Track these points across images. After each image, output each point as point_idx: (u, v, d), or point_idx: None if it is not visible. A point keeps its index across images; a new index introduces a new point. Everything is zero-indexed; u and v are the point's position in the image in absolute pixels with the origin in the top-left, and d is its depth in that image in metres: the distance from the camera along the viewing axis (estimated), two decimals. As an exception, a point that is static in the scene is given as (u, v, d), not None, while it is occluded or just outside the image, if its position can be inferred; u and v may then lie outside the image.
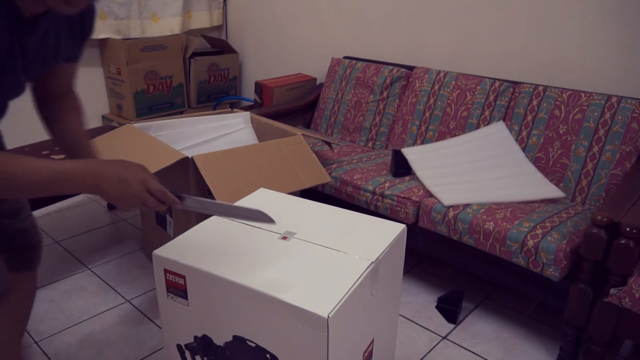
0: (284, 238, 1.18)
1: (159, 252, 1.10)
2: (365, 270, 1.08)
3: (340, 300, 0.98)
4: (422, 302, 2.09)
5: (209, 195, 1.75)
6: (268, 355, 1.05)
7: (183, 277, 1.08)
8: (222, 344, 1.10)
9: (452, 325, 1.96)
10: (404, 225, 1.29)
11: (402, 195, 2.00)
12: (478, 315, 2.02)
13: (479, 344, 1.87)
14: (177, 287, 1.10)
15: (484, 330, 1.94)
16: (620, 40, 2.09)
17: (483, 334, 1.92)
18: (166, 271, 1.10)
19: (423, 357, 1.80)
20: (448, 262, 2.01)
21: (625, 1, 2.05)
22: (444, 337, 1.90)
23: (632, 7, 2.03)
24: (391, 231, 1.24)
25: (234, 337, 1.07)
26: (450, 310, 1.98)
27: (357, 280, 1.04)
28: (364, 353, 1.16)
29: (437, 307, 2.04)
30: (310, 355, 0.99)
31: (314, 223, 1.26)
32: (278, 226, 1.23)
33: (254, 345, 1.05)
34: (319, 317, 0.94)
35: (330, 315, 0.93)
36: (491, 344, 1.86)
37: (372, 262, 1.11)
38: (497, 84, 2.30)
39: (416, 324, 1.96)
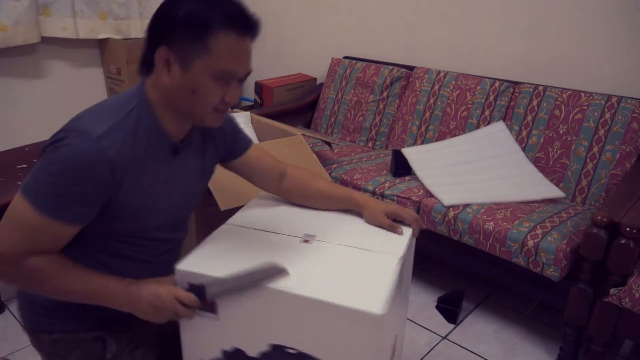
0: (306, 241, 1.15)
1: (182, 266, 1.03)
2: (397, 266, 1.08)
3: (387, 296, 0.97)
4: (422, 302, 2.09)
5: (209, 195, 1.75)
6: None
7: None
8: (256, 355, 1.05)
9: (452, 325, 1.96)
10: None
11: (402, 195, 2.00)
12: (478, 315, 2.02)
13: (479, 344, 1.87)
14: (205, 302, 1.02)
15: (484, 330, 1.94)
16: (620, 40, 2.09)
17: (483, 334, 1.92)
18: (192, 286, 1.02)
19: (423, 357, 1.80)
20: (448, 262, 2.01)
21: (625, 1, 2.05)
22: (444, 337, 1.90)
23: (632, 7, 2.03)
24: (404, 228, 1.24)
25: (272, 346, 1.03)
26: (450, 310, 1.98)
27: (394, 276, 1.04)
28: (392, 350, 1.15)
29: (437, 307, 2.04)
30: (358, 355, 0.98)
31: (328, 224, 1.23)
32: (295, 230, 1.19)
33: (294, 352, 1.01)
34: (372, 315, 0.92)
35: (384, 312, 0.93)
36: (491, 344, 1.86)
37: (400, 258, 1.11)
38: (497, 84, 2.30)
39: (416, 323, 1.96)
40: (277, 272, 0.99)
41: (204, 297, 0.96)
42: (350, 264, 1.08)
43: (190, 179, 1.11)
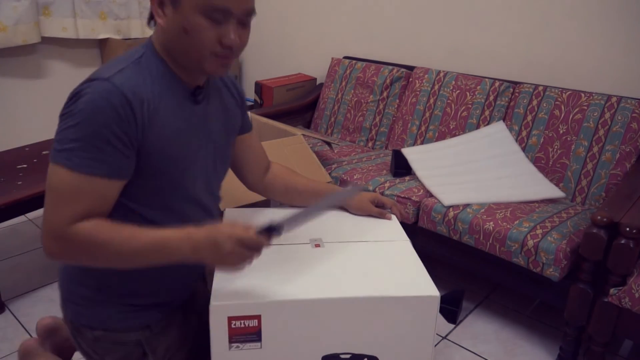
0: (317, 245, 1.14)
1: (218, 302, 0.94)
2: (414, 250, 1.14)
3: (429, 278, 1.03)
4: (422, 302, 2.08)
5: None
6: (366, 359, 1.02)
7: (257, 317, 0.96)
8: None
9: (452, 325, 1.96)
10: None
11: (402, 195, 2.00)
12: (478, 315, 2.03)
13: (479, 344, 1.87)
14: (247, 331, 0.97)
15: (484, 330, 1.94)
16: (620, 40, 2.09)
17: (483, 334, 1.92)
18: (231, 319, 0.95)
19: (423, 357, 1.80)
20: (448, 262, 2.01)
21: (625, 1, 2.05)
22: (444, 337, 1.90)
23: (632, 7, 2.03)
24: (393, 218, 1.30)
25: (324, 357, 1.00)
26: (450, 310, 1.98)
27: (419, 259, 1.10)
28: None
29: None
30: (414, 341, 1.01)
31: (322, 224, 1.23)
32: (298, 236, 1.16)
33: (348, 356, 1.01)
34: (432, 297, 0.98)
35: (439, 293, 0.98)
36: (491, 344, 1.87)
37: (410, 243, 1.16)
38: (497, 84, 2.30)
39: (416, 324, 1.96)
40: (349, 192, 0.98)
41: (278, 235, 0.91)
42: (373, 258, 1.10)
43: (217, 134, 1.05)
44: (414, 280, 1.03)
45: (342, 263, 1.08)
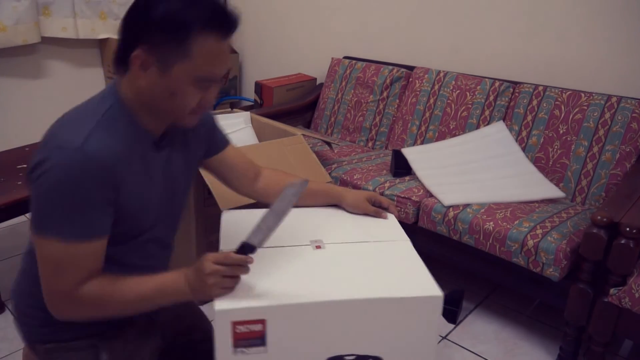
0: (318, 247, 1.14)
1: (222, 305, 0.93)
2: (414, 250, 1.14)
3: (432, 278, 1.04)
4: (422, 302, 2.08)
5: (209, 195, 1.75)
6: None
7: (262, 321, 0.95)
8: None
9: (452, 325, 1.96)
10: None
11: (402, 195, 2.00)
12: (478, 315, 2.03)
13: (479, 344, 1.87)
14: (252, 336, 0.96)
15: (484, 330, 1.94)
16: (620, 40, 2.09)
17: (483, 334, 1.92)
18: (235, 324, 0.94)
19: (423, 357, 1.80)
20: (448, 262, 2.01)
21: (625, 1, 2.05)
22: (444, 337, 1.90)
23: (632, 6, 2.03)
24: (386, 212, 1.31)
25: (328, 359, 1.01)
26: (450, 310, 1.98)
27: (420, 260, 1.11)
28: None
29: (437, 307, 2.04)
30: (417, 341, 1.02)
31: (320, 224, 1.24)
32: (298, 238, 1.16)
33: (352, 357, 1.01)
34: (435, 298, 1.00)
35: (442, 293, 1.00)
36: (491, 344, 1.87)
37: (410, 242, 1.16)
38: (497, 84, 2.30)
39: (416, 324, 1.96)
40: (298, 188, 0.98)
41: (252, 251, 0.93)
42: (375, 258, 1.11)
43: (177, 175, 1.08)
44: (416, 280, 1.04)
45: (344, 264, 1.08)
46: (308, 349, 0.99)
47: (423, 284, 1.03)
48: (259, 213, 1.13)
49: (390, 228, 1.24)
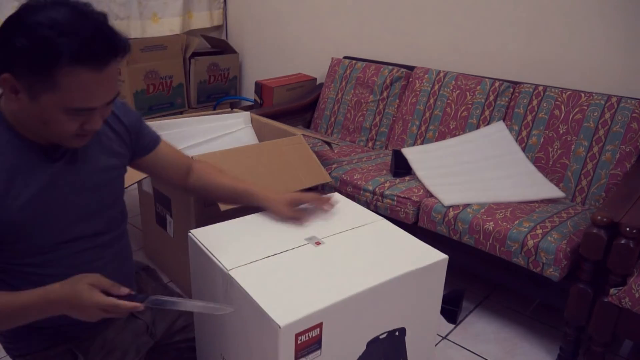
0: (318, 243, 1.14)
1: (282, 320, 0.89)
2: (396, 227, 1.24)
3: (429, 245, 1.18)
4: (422, 302, 2.09)
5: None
6: (397, 332, 1.11)
7: (319, 325, 0.94)
8: None
9: (452, 325, 1.96)
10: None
11: (402, 195, 2.00)
12: (478, 315, 2.02)
13: (479, 344, 1.87)
14: (311, 342, 0.94)
15: (484, 330, 1.94)
16: (620, 40, 2.09)
17: (483, 334, 1.92)
18: (298, 335, 0.91)
19: (423, 357, 1.80)
20: (448, 262, 2.00)
21: (625, 1, 2.05)
22: (444, 337, 1.90)
23: (632, 6, 2.03)
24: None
25: (368, 344, 1.05)
26: (450, 310, 1.98)
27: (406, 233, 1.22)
28: None
29: (437, 307, 2.04)
30: (429, 300, 1.15)
31: (314, 222, 1.24)
32: (297, 237, 1.16)
33: (385, 335, 1.09)
34: (442, 260, 1.14)
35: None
36: (491, 344, 1.86)
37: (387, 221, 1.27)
38: (497, 84, 2.30)
39: (416, 324, 1.96)
40: (219, 309, 0.96)
41: (140, 305, 0.91)
42: (372, 242, 1.17)
43: (91, 176, 1.02)
44: (420, 251, 1.15)
45: (353, 254, 1.12)
46: (351, 339, 1.03)
47: (427, 253, 1.14)
48: (228, 225, 1.20)
49: (357, 212, 1.31)
